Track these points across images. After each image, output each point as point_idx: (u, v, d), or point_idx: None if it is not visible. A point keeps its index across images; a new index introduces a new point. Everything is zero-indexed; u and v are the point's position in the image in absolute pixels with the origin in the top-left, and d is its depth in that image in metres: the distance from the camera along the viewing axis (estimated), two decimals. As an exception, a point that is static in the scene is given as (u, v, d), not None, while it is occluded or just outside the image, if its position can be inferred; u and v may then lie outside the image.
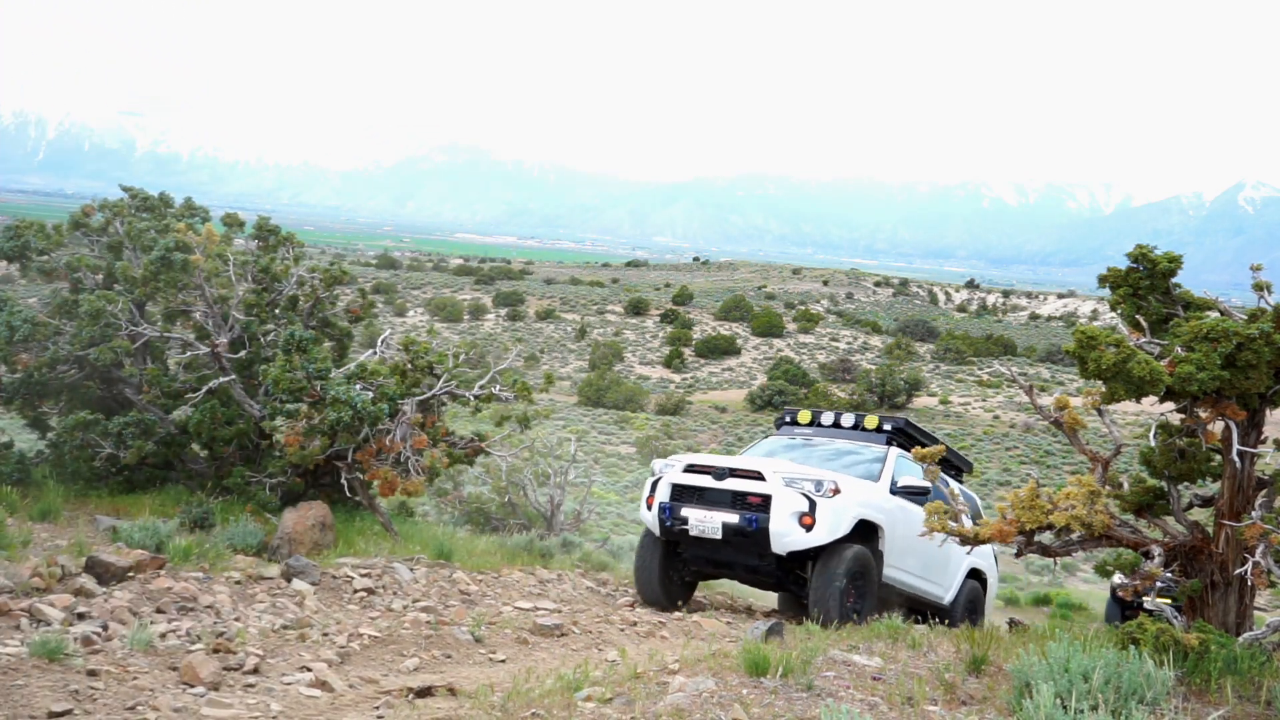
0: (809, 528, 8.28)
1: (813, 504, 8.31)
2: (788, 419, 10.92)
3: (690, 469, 8.96)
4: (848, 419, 10.46)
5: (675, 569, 9.25)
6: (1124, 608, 14.63)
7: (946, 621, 10.01)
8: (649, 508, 9.03)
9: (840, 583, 8.29)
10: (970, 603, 10.89)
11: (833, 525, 8.34)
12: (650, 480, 9.23)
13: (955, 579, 10.48)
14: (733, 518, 8.46)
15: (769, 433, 10.53)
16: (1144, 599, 14.56)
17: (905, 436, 10.29)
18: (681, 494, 8.87)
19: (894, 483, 9.39)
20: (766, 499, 8.42)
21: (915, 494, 9.35)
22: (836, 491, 8.43)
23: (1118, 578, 15.83)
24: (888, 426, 10.20)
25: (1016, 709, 4.12)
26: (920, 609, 10.18)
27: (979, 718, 4.24)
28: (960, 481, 11.60)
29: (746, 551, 8.67)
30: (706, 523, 8.54)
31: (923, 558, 9.59)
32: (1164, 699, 4.17)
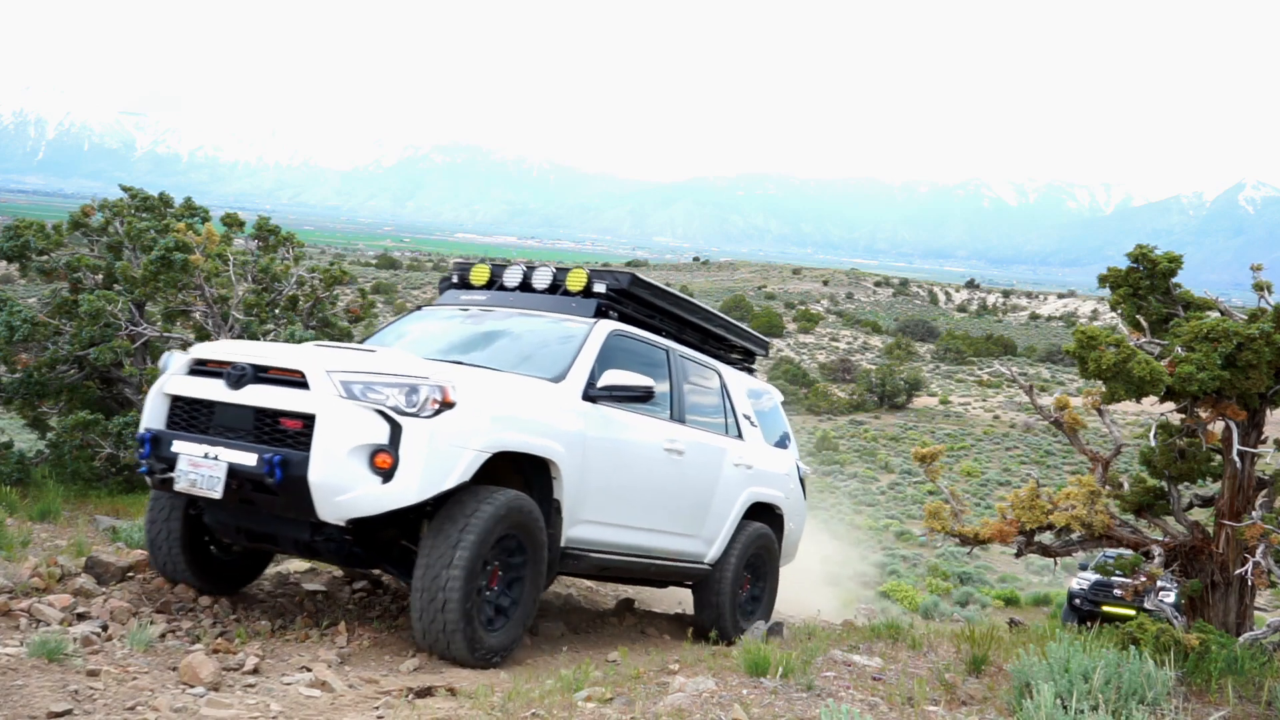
0: (387, 473, 4.83)
1: (395, 429, 4.85)
2: (455, 279, 7.14)
3: (199, 368, 5.37)
4: (542, 277, 6.69)
5: (212, 535, 5.93)
6: (1081, 617, 14.82)
7: (707, 596, 7.22)
8: None
9: (463, 565, 4.95)
10: (753, 560, 7.48)
11: (435, 467, 4.91)
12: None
13: (722, 525, 7.16)
14: (246, 459, 4.88)
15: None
16: (1104, 606, 14.83)
17: (632, 302, 6.74)
18: (182, 414, 5.33)
19: (592, 380, 5.96)
20: (309, 421, 4.87)
21: (630, 398, 5.94)
22: (445, 404, 4.96)
23: (1074, 584, 16.08)
24: (600, 288, 6.52)
25: (1017, 709, 4.12)
26: (658, 579, 7.20)
27: (979, 718, 4.24)
28: (752, 368, 8.47)
29: (281, 518, 5.21)
30: (203, 469, 4.99)
31: (649, 499, 6.44)
32: (1164, 699, 4.17)
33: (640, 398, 5.95)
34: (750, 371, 8.36)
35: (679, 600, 9.36)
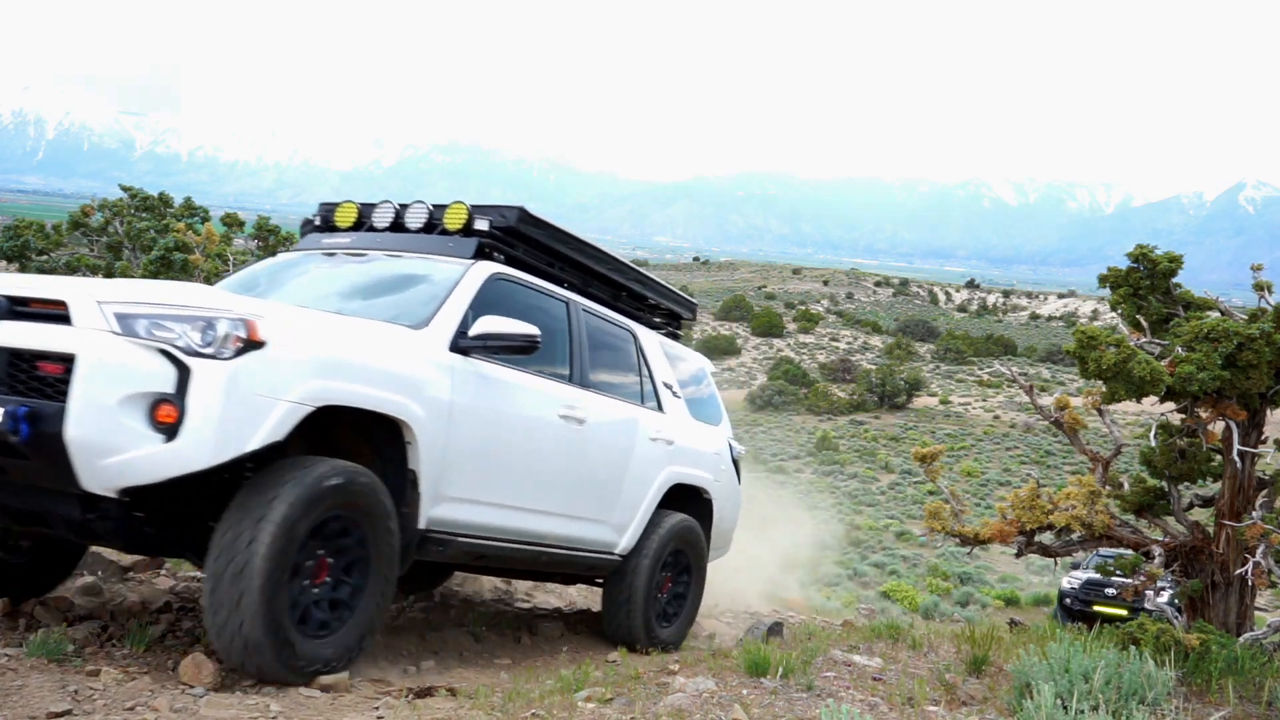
0: (171, 430, 3.81)
1: (183, 373, 3.83)
2: (319, 221, 6.13)
3: None
4: (417, 215, 5.73)
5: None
6: (1072, 616, 14.90)
7: (617, 595, 6.26)
8: None
9: (263, 565, 3.92)
10: (674, 553, 6.54)
11: (233, 423, 3.88)
12: None
13: (635, 510, 6.19)
14: None
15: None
16: (1095, 605, 14.92)
17: (523, 243, 5.80)
18: None
19: (464, 329, 4.99)
20: (69, 363, 3.84)
21: (508, 348, 4.99)
22: (251, 342, 3.95)
23: (1065, 583, 16.14)
24: (482, 225, 5.58)
25: (1017, 709, 4.12)
26: (555, 571, 6.19)
27: (979, 718, 4.24)
28: (678, 334, 7.60)
29: (42, 490, 4.08)
30: None
31: (538, 475, 5.47)
32: (1165, 699, 4.17)
33: (522, 348, 4.97)
34: (676, 337, 7.49)
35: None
